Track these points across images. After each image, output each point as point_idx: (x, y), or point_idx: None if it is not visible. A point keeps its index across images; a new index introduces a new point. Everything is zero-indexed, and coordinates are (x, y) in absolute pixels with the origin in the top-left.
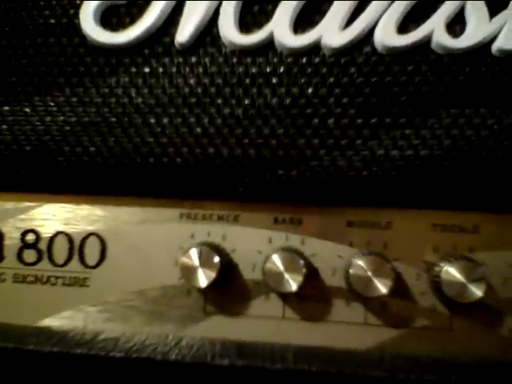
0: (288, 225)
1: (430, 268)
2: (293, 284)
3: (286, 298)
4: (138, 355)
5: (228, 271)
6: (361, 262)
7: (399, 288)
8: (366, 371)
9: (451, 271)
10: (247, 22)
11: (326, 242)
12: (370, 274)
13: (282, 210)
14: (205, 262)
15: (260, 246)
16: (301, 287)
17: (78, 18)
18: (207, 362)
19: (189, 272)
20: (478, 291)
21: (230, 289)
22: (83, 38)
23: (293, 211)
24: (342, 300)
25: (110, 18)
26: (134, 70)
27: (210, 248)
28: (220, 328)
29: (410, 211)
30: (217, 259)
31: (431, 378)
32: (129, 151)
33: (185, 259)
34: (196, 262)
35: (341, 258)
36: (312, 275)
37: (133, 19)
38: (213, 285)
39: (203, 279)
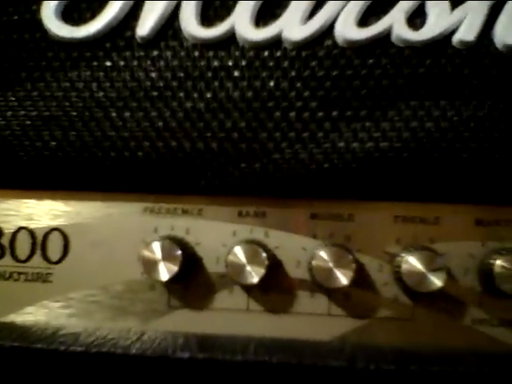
0: (252, 218)
1: (392, 259)
2: (255, 276)
3: (250, 290)
4: (98, 349)
5: (192, 265)
6: (323, 254)
7: (362, 279)
8: (326, 361)
9: (411, 261)
10: (209, 16)
11: (289, 235)
12: (331, 265)
13: (246, 203)
14: (167, 256)
15: (224, 239)
16: (263, 279)
17: (41, 14)
18: (168, 356)
19: (150, 265)
20: (437, 281)
21: (195, 282)
22: (45, 33)
23: (257, 204)
24: (305, 292)
25: (71, 13)
26: (95, 63)
27: (172, 241)
28: (185, 322)
29: (371, 203)
30: (179, 253)
31: (390, 367)
32: (90, 145)
33: (146, 253)
34: (158, 255)
35: (304, 250)
36: (276, 267)
37: (94, 14)
38: (176, 278)
39: (165, 273)
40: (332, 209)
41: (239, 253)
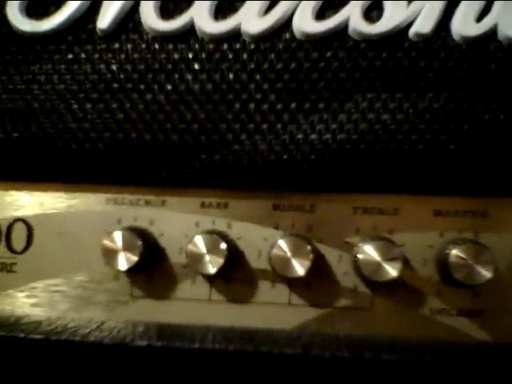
0: (214, 209)
1: (351, 249)
2: (213, 266)
3: (212, 280)
4: (57, 337)
5: (155, 255)
6: (282, 243)
7: (322, 269)
8: (282, 349)
9: (368, 250)
10: (168, 9)
11: (252, 226)
12: (289, 254)
13: (209, 194)
14: (127, 246)
15: (187, 230)
16: (223, 270)
17: (6, 10)
18: (126, 344)
19: (111, 255)
20: (393, 270)
21: (158, 273)
22: (10, 28)
23: (219, 195)
24: (267, 282)
25: (36, 8)
26: (57, 57)
27: (133, 232)
28: (147, 312)
29: (332, 195)
30: (139, 243)
31: (345, 354)
32: (52, 137)
33: (107, 242)
34: (118, 245)
35: (266, 241)
36: (237, 258)
37: (57, 8)
38: (138, 269)
39: (124, 263)
40: (293, 200)
41: (199, 242)
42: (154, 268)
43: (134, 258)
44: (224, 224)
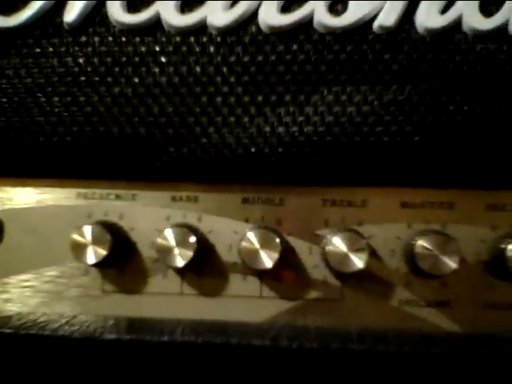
0: (185, 202)
1: (321, 241)
2: (182, 259)
3: (183, 274)
4: (27, 332)
5: (125, 249)
6: (251, 236)
7: (292, 261)
8: (251, 341)
9: (335, 242)
10: (134, 2)
11: (222, 219)
12: (257, 247)
13: (179, 188)
14: (96, 240)
15: (158, 224)
16: (193, 263)
17: None
18: (96, 337)
19: (80, 249)
20: (359, 261)
21: (129, 267)
22: None
23: (190, 189)
24: (238, 275)
25: (3, 4)
26: (25, 51)
27: (103, 226)
28: (119, 306)
29: (301, 188)
30: (108, 237)
31: (313, 345)
32: (19, 131)
33: (76, 236)
34: (88, 239)
35: (236, 234)
36: (208, 251)
37: (26, 3)
38: (109, 263)
39: (92, 257)
40: (263, 193)
41: (169, 235)
42: (124, 262)
43: (103, 252)
44: (195, 217)
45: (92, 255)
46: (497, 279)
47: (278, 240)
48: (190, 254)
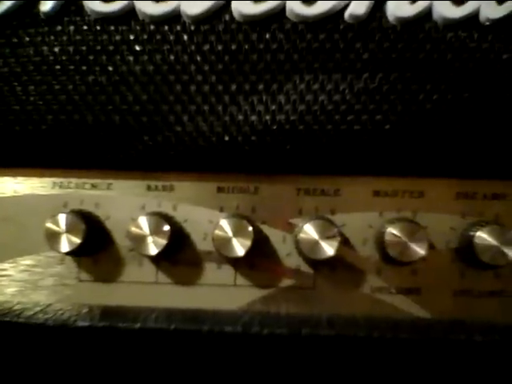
0: (160, 191)
1: (294, 229)
2: (156, 247)
3: (159, 263)
4: (1, 319)
5: (100, 238)
6: (224, 224)
7: (266, 249)
8: (222, 327)
9: (307, 229)
10: None
11: (197, 208)
12: (230, 234)
13: (155, 177)
14: (70, 228)
15: (133, 212)
16: (166, 251)
17: None
18: (69, 325)
19: (54, 238)
20: (330, 249)
21: (104, 256)
22: None
23: (165, 178)
24: (212, 263)
25: None
26: (2, 40)
27: (78, 215)
28: (95, 295)
29: (275, 176)
30: (83, 225)
31: (283, 331)
32: None
33: (51, 225)
34: (62, 227)
35: (211, 223)
36: (183, 240)
37: None
38: (83, 252)
39: (66, 245)
40: (237, 182)
41: (142, 224)
42: (100, 251)
43: (77, 241)
44: (170, 206)
45: (66, 243)
46: (466, 266)
47: (250, 228)
48: (163, 242)
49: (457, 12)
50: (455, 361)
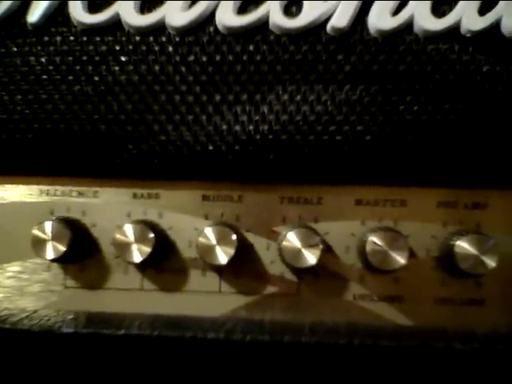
0: (146, 199)
1: (278, 237)
2: (140, 255)
3: (144, 270)
4: None
5: (86, 245)
6: (208, 232)
7: (251, 257)
8: (205, 334)
9: (290, 237)
10: (95, 2)
11: (182, 216)
12: (214, 242)
13: (141, 185)
14: (56, 236)
15: (119, 220)
16: (151, 259)
17: None
18: (54, 331)
19: (40, 245)
20: (312, 257)
21: (90, 263)
22: None
23: (151, 186)
24: (197, 270)
25: None
26: None
27: (64, 222)
28: (81, 302)
29: (259, 185)
30: (69, 233)
31: (265, 338)
32: None
33: (37, 232)
34: (48, 234)
35: (196, 231)
36: (168, 247)
37: None
38: (69, 259)
39: (51, 252)
40: (222, 190)
41: (128, 231)
42: (86, 258)
43: (63, 248)
44: (155, 214)
45: (51, 251)
46: (447, 275)
47: (234, 237)
48: (148, 249)
49: (437, 24)
50: (435, 368)
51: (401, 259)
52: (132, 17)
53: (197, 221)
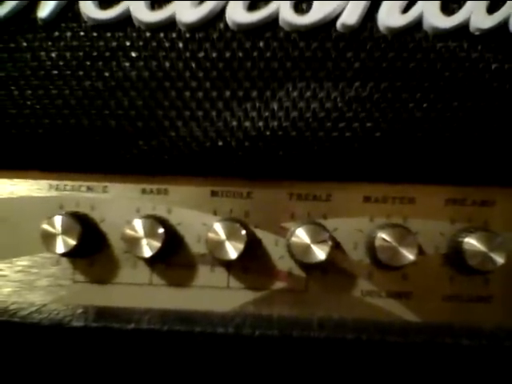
0: (155, 195)
1: (286, 233)
2: (150, 250)
3: (153, 265)
4: None
5: (96, 240)
6: (217, 227)
7: (259, 253)
8: (215, 329)
9: (299, 233)
10: None
11: (191, 211)
12: (223, 238)
13: (150, 180)
14: (66, 230)
15: (128, 215)
16: (160, 254)
17: None
18: (63, 325)
19: (50, 239)
20: (321, 253)
21: (99, 257)
22: None
23: (159, 182)
24: (206, 266)
25: None
26: (0, 45)
27: (73, 217)
28: (89, 296)
29: (268, 182)
30: (78, 227)
31: (274, 333)
32: None
33: (46, 226)
34: (57, 229)
35: (205, 226)
36: (177, 243)
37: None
38: (78, 253)
39: (61, 246)
40: (231, 186)
41: (137, 226)
42: (95, 253)
43: (72, 242)
44: (164, 210)
45: (61, 245)
46: (456, 272)
47: (243, 232)
48: (157, 244)
49: (447, 22)
50: (442, 364)
51: (410, 255)
52: (142, 13)
53: (205, 216)
